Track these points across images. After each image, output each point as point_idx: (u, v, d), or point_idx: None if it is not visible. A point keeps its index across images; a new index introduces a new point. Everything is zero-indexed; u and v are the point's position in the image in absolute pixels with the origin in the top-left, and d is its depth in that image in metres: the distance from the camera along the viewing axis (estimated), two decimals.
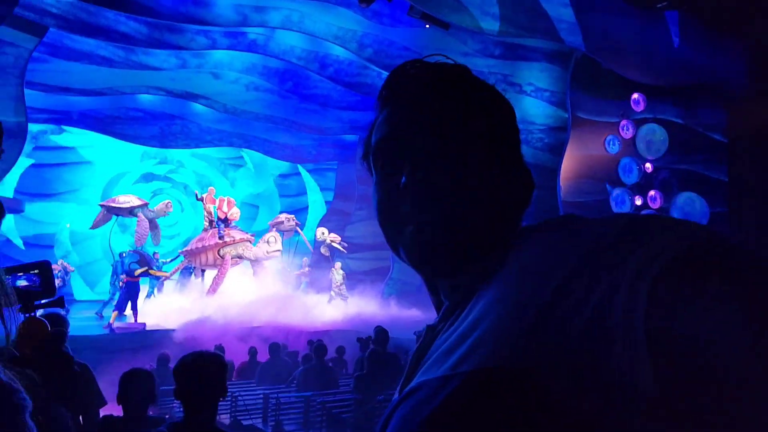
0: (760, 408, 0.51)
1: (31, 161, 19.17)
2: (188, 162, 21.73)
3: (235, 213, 16.36)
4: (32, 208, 18.53)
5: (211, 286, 15.58)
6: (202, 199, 16.25)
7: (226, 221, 16.02)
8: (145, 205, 16.29)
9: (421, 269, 0.82)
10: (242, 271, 16.29)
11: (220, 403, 2.60)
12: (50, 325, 2.88)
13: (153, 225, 16.33)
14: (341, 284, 17.27)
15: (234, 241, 15.85)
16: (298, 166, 21.30)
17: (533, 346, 0.59)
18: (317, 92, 18.27)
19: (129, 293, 13.94)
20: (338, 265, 17.55)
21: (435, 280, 0.82)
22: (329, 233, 18.08)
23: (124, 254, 15.15)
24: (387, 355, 7.76)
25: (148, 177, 21.58)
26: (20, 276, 2.16)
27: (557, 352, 0.57)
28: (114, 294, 15.13)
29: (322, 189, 21.43)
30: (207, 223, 16.37)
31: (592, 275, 0.58)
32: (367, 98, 18.59)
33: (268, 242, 15.98)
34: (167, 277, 16.52)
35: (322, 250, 18.28)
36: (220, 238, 15.72)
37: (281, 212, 19.00)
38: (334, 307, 16.29)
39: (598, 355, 0.55)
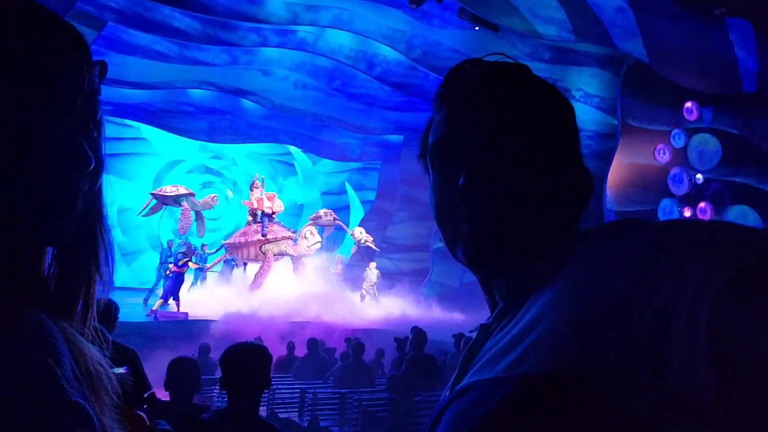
0: None
1: None
2: (241, 161, 22.05)
3: (279, 205, 16.57)
4: None
5: (254, 281, 15.80)
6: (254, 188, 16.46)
7: (270, 216, 16.22)
8: (192, 195, 16.56)
9: (477, 269, 0.81)
10: (283, 267, 16.47)
11: None
12: (103, 308, 2.94)
13: (198, 216, 16.60)
14: (374, 284, 17.29)
15: (276, 238, 16.05)
16: (345, 184, 21.49)
17: (591, 352, 0.58)
18: (364, 92, 18.37)
19: (175, 283, 14.24)
20: (373, 264, 17.59)
21: (491, 280, 0.81)
22: (365, 233, 18.11)
23: (171, 243, 15.48)
24: (424, 357, 7.75)
25: (200, 169, 22.00)
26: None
27: (616, 360, 0.57)
28: (158, 282, 15.47)
29: (364, 188, 21.52)
30: (251, 218, 16.61)
31: (654, 283, 0.57)
32: (413, 99, 18.60)
33: (305, 237, 16.13)
34: (209, 268, 16.82)
35: (352, 249, 18.40)
36: (263, 235, 15.95)
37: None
38: (372, 306, 16.35)
39: (658, 364, 0.54)
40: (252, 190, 16.48)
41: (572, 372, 0.59)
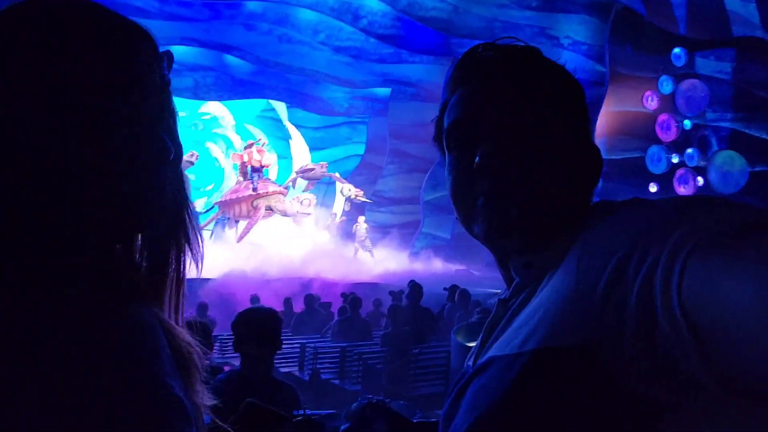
0: None
1: None
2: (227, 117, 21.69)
3: (268, 158, 16.49)
4: None
5: (240, 234, 15.86)
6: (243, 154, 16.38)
7: (259, 170, 16.18)
8: None
9: (493, 245, 0.83)
10: (278, 224, 16.53)
11: None
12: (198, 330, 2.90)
13: None
14: (365, 237, 17.40)
15: (267, 193, 16.04)
16: None
17: (592, 326, 0.61)
18: (350, 44, 18.08)
19: None
20: (362, 219, 17.64)
21: (507, 256, 0.83)
22: (355, 189, 18.07)
23: None
24: (420, 310, 7.92)
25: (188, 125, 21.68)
26: None
27: (613, 331, 0.59)
28: None
29: (353, 143, 21.41)
30: (241, 176, 16.56)
31: (642, 253, 0.59)
32: (400, 51, 18.35)
33: (301, 202, 16.13)
34: (202, 228, 16.80)
35: (345, 205, 18.42)
36: (254, 189, 15.93)
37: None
38: (364, 260, 16.49)
39: (646, 331, 0.56)
40: (246, 149, 16.43)
41: (574, 346, 0.62)
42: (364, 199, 17.94)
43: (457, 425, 0.73)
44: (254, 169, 16.12)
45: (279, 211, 16.19)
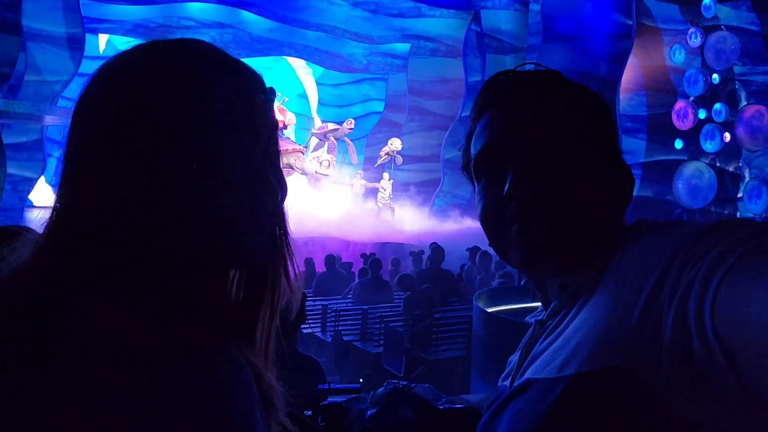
0: None
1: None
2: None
3: (290, 118, 16.45)
4: None
5: None
6: None
7: (281, 130, 16.15)
8: None
9: (528, 270, 0.85)
10: (298, 182, 16.56)
11: None
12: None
13: None
14: (389, 195, 17.38)
15: (287, 150, 16.03)
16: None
17: (630, 349, 0.62)
18: None
19: None
20: (386, 175, 17.59)
21: (544, 279, 0.84)
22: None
23: None
24: (442, 272, 7.94)
25: None
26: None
27: (651, 354, 0.60)
28: None
29: (372, 100, 21.19)
30: None
31: (675, 277, 0.60)
32: (419, 4, 17.95)
33: (320, 163, 16.08)
34: None
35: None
36: None
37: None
38: (384, 220, 16.51)
39: (683, 354, 0.57)
40: None
41: (615, 370, 0.63)
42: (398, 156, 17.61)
43: None
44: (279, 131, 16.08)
45: (298, 169, 16.19)
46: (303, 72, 21.20)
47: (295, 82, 21.46)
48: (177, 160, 0.62)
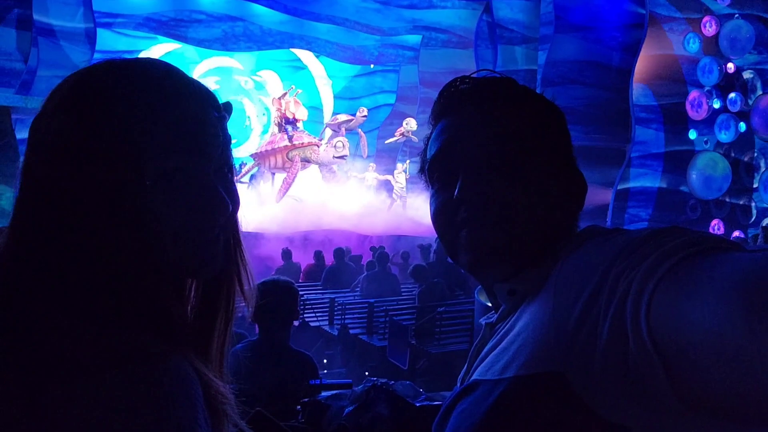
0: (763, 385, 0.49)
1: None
2: (253, 69, 21.53)
3: (302, 113, 16.47)
4: None
5: (280, 189, 15.95)
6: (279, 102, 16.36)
7: (294, 123, 16.16)
8: None
9: (477, 273, 0.86)
10: (310, 176, 16.57)
11: None
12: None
13: None
14: (404, 187, 17.31)
15: (303, 144, 16.04)
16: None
17: (565, 354, 0.63)
18: None
19: None
20: (401, 166, 17.50)
21: (492, 283, 0.85)
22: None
23: None
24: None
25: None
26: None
27: (586, 358, 0.61)
28: None
29: (384, 92, 21.14)
30: (276, 127, 16.61)
31: (612, 284, 0.61)
32: None
33: (335, 147, 16.00)
34: (237, 180, 16.99)
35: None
36: (289, 140, 15.95)
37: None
38: (395, 212, 16.50)
39: (618, 359, 0.58)
40: (281, 97, 16.44)
41: (551, 374, 0.64)
42: (412, 137, 17.41)
43: None
44: (287, 121, 16.09)
45: (315, 161, 16.16)
46: (313, 64, 21.18)
47: (305, 74, 21.45)
48: (127, 177, 0.65)
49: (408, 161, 17.59)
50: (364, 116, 17.22)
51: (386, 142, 18.35)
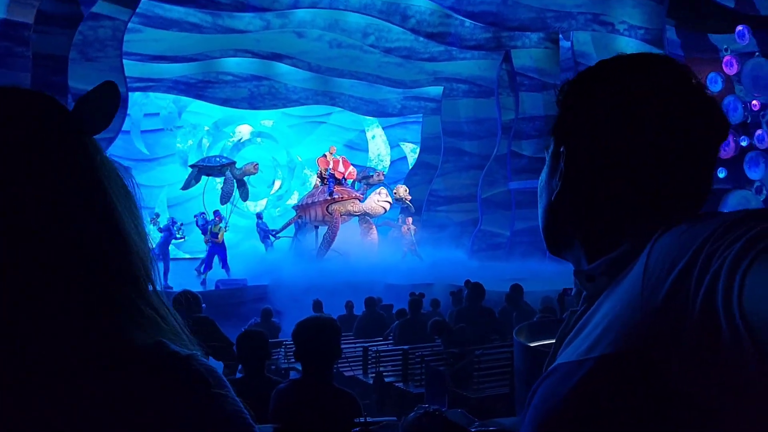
0: None
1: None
2: (282, 128, 21.90)
3: (351, 172, 16.74)
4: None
5: (322, 244, 16.04)
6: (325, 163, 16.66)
7: (341, 180, 16.39)
8: (233, 164, 16.86)
9: (559, 257, 0.91)
10: (352, 232, 16.65)
11: None
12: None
13: (240, 183, 16.96)
14: (414, 241, 17.24)
15: (342, 198, 16.16)
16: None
17: (653, 334, 0.62)
18: (400, 44, 18.12)
19: (211, 252, 14.73)
20: (410, 220, 17.44)
21: (576, 271, 0.86)
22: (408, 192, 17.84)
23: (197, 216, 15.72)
24: (482, 309, 7.84)
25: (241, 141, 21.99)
26: None
27: (674, 337, 0.60)
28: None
29: (407, 142, 21.40)
30: (318, 180, 16.86)
31: (705, 260, 0.60)
32: (450, 48, 18.22)
33: (379, 193, 16.01)
34: (278, 233, 17.26)
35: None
36: (330, 194, 16.13)
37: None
38: (419, 261, 16.45)
39: (709, 338, 0.57)
40: (325, 155, 16.74)
41: (635, 353, 0.63)
42: (409, 204, 17.60)
43: (525, 427, 0.76)
44: (335, 180, 16.32)
45: (358, 212, 16.23)
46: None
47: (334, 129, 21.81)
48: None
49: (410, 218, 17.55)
50: (380, 179, 17.47)
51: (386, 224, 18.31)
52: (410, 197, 17.48)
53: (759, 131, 14.49)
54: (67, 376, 0.62)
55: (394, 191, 17.36)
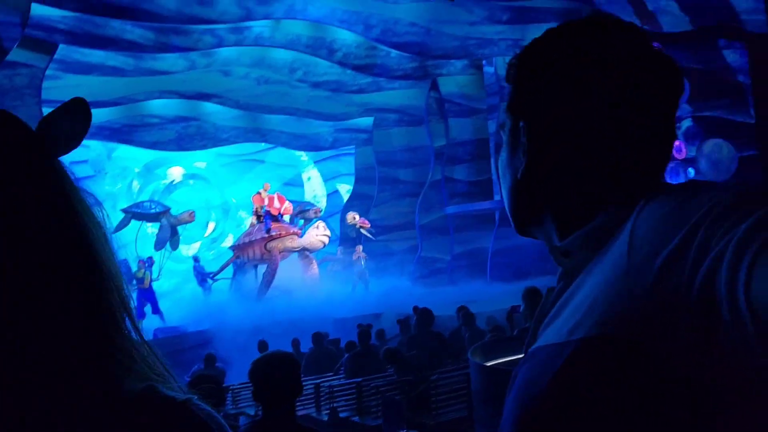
0: None
1: None
2: (214, 167, 21.54)
3: (287, 208, 16.68)
4: None
5: (262, 283, 15.83)
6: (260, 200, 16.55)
7: (275, 217, 16.30)
8: (168, 211, 16.60)
9: (525, 236, 0.88)
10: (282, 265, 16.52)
11: None
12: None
13: (173, 231, 16.72)
14: (364, 269, 17.33)
15: (280, 234, 16.07)
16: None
17: (643, 318, 0.59)
18: (328, 78, 18.22)
19: (140, 299, 14.27)
20: (360, 248, 17.54)
21: (551, 247, 0.81)
22: (359, 218, 18.01)
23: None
24: (431, 335, 7.81)
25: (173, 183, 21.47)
26: None
27: (667, 325, 0.58)
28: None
29: (342, 175, 21.40)
30: (254, 219, 16.70)
31: (704, 241, 0.57)
32: (378, 79, 18.45)
33: (317, 227, 16.10)
34: (215, 276, 16.95)
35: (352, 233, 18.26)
36: (267, 231, 15.98)
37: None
38: (366, 291, 16.39)
39: (708, 324, 0.55)
40: (260, 193, 16.66)
41: (622, 337, 0.60)
42: (366, 233, 17.75)
43: (507, 413, 0.72)
44: (272, 217, 16.24)
45: (296, 248, 16.14)
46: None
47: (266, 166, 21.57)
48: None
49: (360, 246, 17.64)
50: (317, 214, 17.64)
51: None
52: (367, 224, 17.56)
53: (676, 142, 15.25)
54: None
55: (348, 220, 17.47)
